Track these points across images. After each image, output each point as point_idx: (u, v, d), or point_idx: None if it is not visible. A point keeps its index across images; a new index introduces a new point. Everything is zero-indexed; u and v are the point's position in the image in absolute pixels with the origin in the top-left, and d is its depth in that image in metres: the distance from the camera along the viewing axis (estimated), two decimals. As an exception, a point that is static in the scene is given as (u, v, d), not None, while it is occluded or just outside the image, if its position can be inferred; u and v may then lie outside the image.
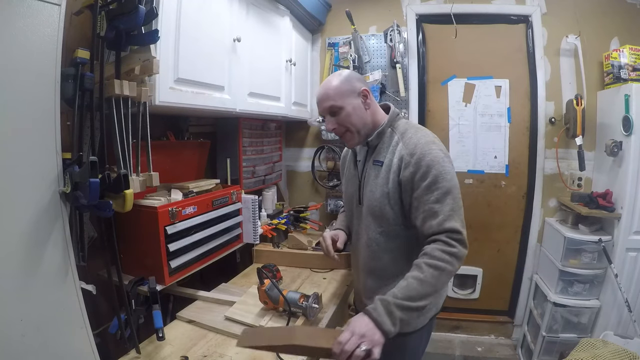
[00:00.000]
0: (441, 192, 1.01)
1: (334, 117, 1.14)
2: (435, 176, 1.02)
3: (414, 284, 0.94)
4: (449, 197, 1.01)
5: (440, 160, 1.04)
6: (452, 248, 0.98)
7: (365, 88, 1.15)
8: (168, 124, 1.59)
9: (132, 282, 1.16)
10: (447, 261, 0.96)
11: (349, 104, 1.12)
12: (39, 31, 0.78)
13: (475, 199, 2.48)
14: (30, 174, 0.79)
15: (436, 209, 1.01)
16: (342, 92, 1.12)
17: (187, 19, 1.23)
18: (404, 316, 0.92)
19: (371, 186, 1.15)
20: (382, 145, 1.16)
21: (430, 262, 0.96)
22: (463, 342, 2.54)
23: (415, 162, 1.04)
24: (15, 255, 0.75)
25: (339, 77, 1.15)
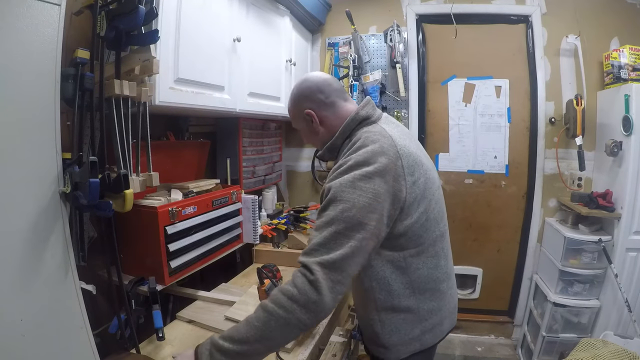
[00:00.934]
0: (324, 220, 0.86)
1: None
2: (329, 200, 0.88)
3: (241, 324, 0.83)
4: (331, 227, 0.84)
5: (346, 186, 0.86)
6: (292, 289, 0.80)
7: (309, 110, 1.04)
8: (168, 124, 1.59)
9: (132, 282, 1.16)
10: (281, 305, 0.80)
11: (299, 126, 1.12)
12: (39, 31, 0.78)
13: (475, 199, 2.48)
14: (30, 173, 0.79)
15: (312, 235, 0.87)
16: (293, 114, 1.11)
17: (187, 19, 1.23)
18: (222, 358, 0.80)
19: None
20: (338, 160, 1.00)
21: (264, 303, 0.83)
22: (463, 342, 2.54)
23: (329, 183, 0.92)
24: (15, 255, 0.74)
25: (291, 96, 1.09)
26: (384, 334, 1.03)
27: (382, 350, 1.06)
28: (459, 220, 2.51)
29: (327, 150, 1.05)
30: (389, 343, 1.04)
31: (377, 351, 1.09)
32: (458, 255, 2.52)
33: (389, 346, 1.04)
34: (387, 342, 1.04)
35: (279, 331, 0.80)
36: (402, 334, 1.03)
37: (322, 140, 1.08)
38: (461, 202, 2.49)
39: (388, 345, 1.04)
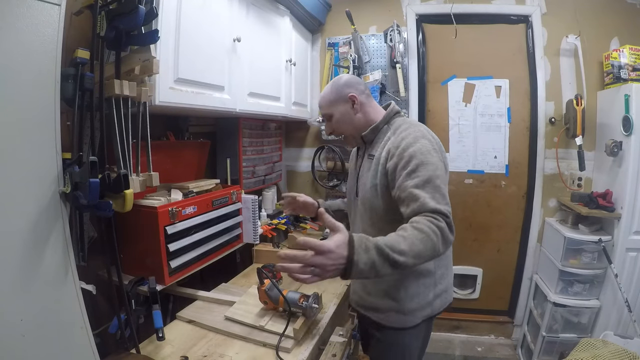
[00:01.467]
0: (420, 179, 0.99)
1: (329, 122, 1.27)
2: (416, 165, 1.02)
3: (395, 237, 0.87)
4: (429, 185, 0.98)
5: (423, 151, 1.04)
6: (439, 222, 0.91)
7: (353, 94, 1.21)
8: (168, 124, 1.59)
9: (132, 282, 1.16)
10: (433, 230, 0.88)
11: (337, 111, 1.23)
12: (39, 31, 0.78)
13: (475, 199, 2.48)
14: (30, 173, 0.79)
15: (416, 193, 0.97)
16: (331, 100, 1.24)
17: (187, 19, 1.23)
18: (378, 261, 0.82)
19: (364, 179, 1.21)
20: (377, 141, 1.22)
21: (414, 225, 0.90)
22: (463, 342, 2.54)
23: (399, 153, 1.07)
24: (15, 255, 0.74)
25: (332, 85, 1.26)
26: (406, 300, 1.16)
27: (402, 317, 1.18)
28: (459, 220, 2.50)
29: (371, 131, 1.22)
30: (409, 309, 1.17)
31: (395, 321, 1.19)
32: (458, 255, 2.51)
33: (409, 312, 1.17)
34: (408, 307, 1.17)
35: (424, 250, 0.87)
36: (420, 298, 1.18)
37: (356, 125, 1.24)
38: (461, 202, 2.49)
39: (408, 311, 1.17)
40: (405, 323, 1.19)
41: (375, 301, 1.22)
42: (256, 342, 1.15)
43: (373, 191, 1.15)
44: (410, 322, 1.19)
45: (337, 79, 1.27)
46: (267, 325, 1.21)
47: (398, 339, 1.22)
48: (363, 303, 1.27)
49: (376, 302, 1.22)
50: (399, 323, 1.19)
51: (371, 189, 1.16)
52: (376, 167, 1.15)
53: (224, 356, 1.09)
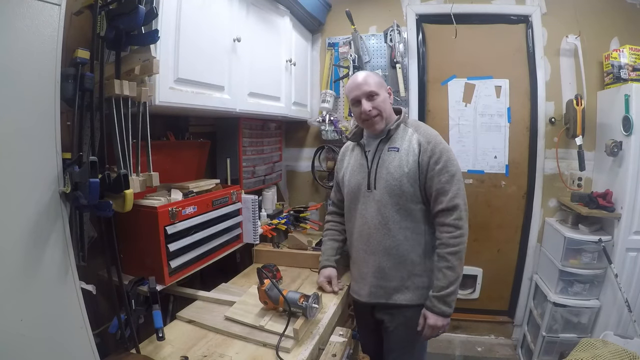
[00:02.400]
0: (450, 174, 1.30)
1: (370, 101, 1.35)
2: (446, 161, 1.30)
3: (448, 273, 1.27)
4: (455, 179, 1.30)
5: (449, 150, 1.35)
6: (458, 230, 1.29)
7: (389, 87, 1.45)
8: (168, 124, 1.59)
9: (132, 282, 1.16)
10: (460, 243, 1.28)
11: (383, 92, 1.38)
12: (39, 31, 0.78)
13: (475, 199, 2.48)
14: (30, 174, 0.78)
15: (447, 188, 1.29)
16: (380, 83, 1.39)
17: (187, 19, 1.23)
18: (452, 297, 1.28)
19: (388, 169, 1.35)
20: (397, 136, 1.39)
21: (450, 251, 1.28)
22: (463, 342, 2.54)
23: (432, 148, 1.32)
24: (15, 255, 0.74)
25: (374, 72, 1.44)
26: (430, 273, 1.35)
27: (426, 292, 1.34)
28: (459, 220, 2.51)
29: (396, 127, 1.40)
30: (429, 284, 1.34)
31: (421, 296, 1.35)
32: (458, 255, 2.54)
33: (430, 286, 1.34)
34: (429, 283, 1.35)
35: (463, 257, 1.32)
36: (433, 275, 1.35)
37: (389, 110, 1.41)
38: (461, 202, 2.49)
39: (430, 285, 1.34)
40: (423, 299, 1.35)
41: (399, 284, 1.36)
42: (256, 342, 1.15)
43: (403, 179, 1.32)
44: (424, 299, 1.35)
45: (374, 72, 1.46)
46: (267, 325, 1.21)
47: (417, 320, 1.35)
48: (382, 292, 1.38)
49: (400, 284, 1.36)
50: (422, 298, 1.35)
51: (401, 177, 1.32)
52: (406, 157, 1.34)
53: (224, 356, 1.09)
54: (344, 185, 1.51)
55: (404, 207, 1.34)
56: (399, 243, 1.35)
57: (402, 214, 1.34)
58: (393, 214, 1.34)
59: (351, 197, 1.46)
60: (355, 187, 1.43)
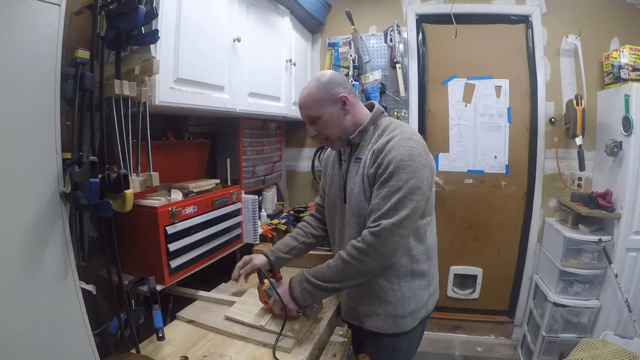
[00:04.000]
0: (390, 190, 1.02)
1: (313, 125, 1.17)
2: (391, 173, 1.03)
3: (323, 268, 1.11)
4: (397, 194, 1.01)
5: (404, 157, 1.03)
6: (359, 244, 1.04)
7: (344, 94, 1.14)
8: (168, 124, 1.59)
9: (132, 282, 1.16)
10: (354, 257, 1.04)
11: (326, 112, 1.13)
12: (39, 31, 0.78)
13: (475, 199, 2.48)
14: (30, 174, 0.79)
15: (379, 205, 1.03)
16: (319, 100, 1.13)
17: (187, 19, 1.23)
18: (310, 288, 1.11)
19: (352, 183, 1.16)
20: (364, 143, 1.17)
21: (341, 254, 1.07)
22: (463, 342, 2.54)
23: (382, 157, 1.06)
24: (15, 255, 0.74)
25: (317, 83, 1.14)
26: (404, 302, 1.16)
27: (400, 321, 1.16)
28: (459, 220, 2.51)
29: (359, 133, 1.17)
30: (407, 311, 1.16)
31: (393, 326, 1.17)
32: (458, 255, 2.55)
33: (407, 314, 1.17)
34: (406, 310, 1.16)
35: (350, 275, 1.07)
36: (417, 299, 1.18)
37: (345, 127, 1.16)
38: (461, 202, 2.49)
39: (406, 314, 1.16)
40: (403, 327, 1.17)
41: (368, 308, 1.19)
42: (256, 342, 1.15)
43: (360, 195, 1.13)
44: (409, 326, 1.18)
45: (320, 76, 1.16)
46: (267, 325, 1.21)
47: (395, 345, 1.20)
48: (355, 313, 1.23)
49: (369, 309, 1.18)
50: (397, 328, 1.17)
51: (358, 194, 1.13)
52: (362, 170, 1.12)
53: (224, 356, 1.09)
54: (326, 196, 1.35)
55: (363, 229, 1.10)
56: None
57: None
58: (354, 234, 1.13)
59: (329, 210, 1.32)
60: (332, 200, 1.28)
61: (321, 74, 1.17)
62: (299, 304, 1.15)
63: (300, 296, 1.13)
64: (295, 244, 1.39)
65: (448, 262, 2.54)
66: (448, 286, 2.58)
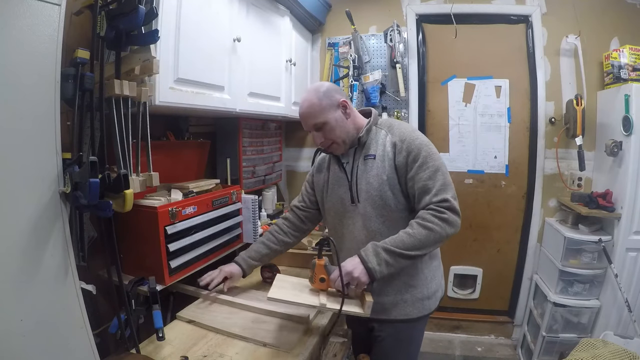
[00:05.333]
0: (432, 170, 1.13)
1: (319, 132, 1.22)
2: (425, 157, 1.14)
3: (403, 236, 1.10)
4: (439, 173, 1.13)
5: (427, 143, 1.18)
6: (442, 214, 1.10)
7: (344, 99, 1.23)
8: (168, 124, 1.59)
9: (132, 282, 1.16)
10: (436, 223, 1.09)
11: (331, 118, 1.20)
12: (39, 31, 0.78)
13: (475, 199, 2.48)
14: (30, 174, 0.79)
15: (429, 186, 1.13)
16: (323, 107, 1.20)
17: (187, 19, 1.23)
18: (388, 258, 1.08)
19: (367, 179, 1.21)
20: (370, 142, 1.24)
21: (421, 222, 1.10)
22: (463, 342, 2.54)
23: (407, 146, 1.16)
24: (15, 255, 0.74)
25: (317, 93, 1.21)
26: (427, 283, 1.24)
27: (427, 303, 1.24)
28: (459, 220, 2.51)
29: (367, 132, 1.24)
30: (431, 291, 1.25)
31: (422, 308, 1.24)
32: (458, 255, 2.55)
33: (431, 295, 1.25)
34: (430, 290, 1.25)
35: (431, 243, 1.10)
36: (437, 279, 1.28)
37: (348, 130, 1.23)
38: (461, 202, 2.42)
39: (430, 294, 1.25)
40: (429, 308, 1.26)
41: (396, 297, 1.23)
42: (256, 342, 1.15)
43: (384, 187, 1.18)
44: (433, 306, 1.27)
45: (317, 87, 1.23)
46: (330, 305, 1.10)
47: (411, 331, 1.28)
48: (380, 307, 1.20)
49: (396, 298, 1.23)
50: (424, 310, 1.25)
51: (380, 186, 1.18)
52: (382, 163, 1.19)
53: (224, 356, 1.09)
54: (324, 201, 1.36)
55: (389, 218, 1.19)
56: None
57: (388, 225, 1.19)
58: (379, 227, 1.20)
59: (334, 214, 1.31)
60: (338, 202, 1.28)
61: (319, 85, 1.25)
62: (374, 276, 1.08)
63: (377, 267, 1.08)
64: (267, 252, 1.45)
65: (448, 262, 2.54)
66: (448, 286, 2.58)
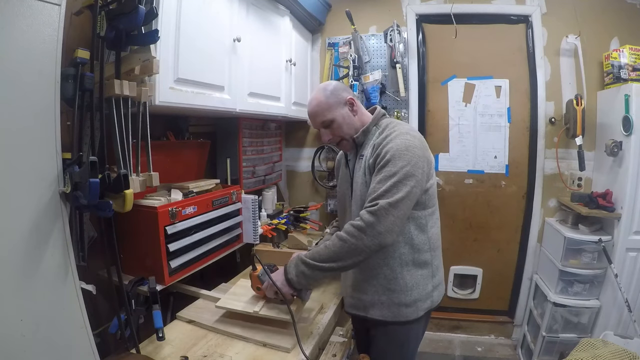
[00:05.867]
0: (386, 175, 1.09)
1: (327, 129, 1.27)
2: (387, 160, 1.10)
3: (320, 249, 1.11)
4: (393, 179, 1.07)
5: (400, 147, 1.11)
6: (359, 222, 1.06)
7: (351, 97, 1.27)
8: (168, 124, 1.59)
9: (132, 282, 1.16)
10: (352, 234, 1.05)
11: (338, 115, 1.24)
12: (39, 31, 0.78)
13: (475, 199, 2.48)
14: (30, 174, 0.79)
15: (377, 188, 1.08)
16: (330, 105, 1.24)
17: (187, 19, 1.23)
18: (305, 270, 1.11)
19: (357, 178, 1.26)
20: (367, 142, 1.27)
21: (339, 234, 1.09)
22: (463, 342, 2.54)
23: (380, 149, 1.15)
24: (15, 255, 0.74)
25: (324, 91, 1.26)
26: (407, 290, 1.20)
27: (404, 310, 1.21)
28: (459, 220, 2.51)
29: (363, 133, 1.27)
30: (410, 299, 1.21)
31: (398, 314, 1.22)
32: (458, 255, 2.55)
33: (410, 302, 1.21)
34: (409, 298, 1.21)
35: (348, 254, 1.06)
36: (420, 289, 1.22)
37: (355, 127, 1.27)
38: (461, 202, 2.49)
39: (409, 302, 1.21)
40: (407, 316, 1.22)
41: (373, 297, 1.24)
42: (256, 342, 1.15)
43: (363, 187, 1.21)
44: (414, 314, 1.23)
45: (324, 86, 1.29)
46: (262, 311, 1.20)
47: (401, 333, 1.25)
48: (360, 303, 1.28)
49: (374, 298, 1.24)
50: (400, 316, 1.22)
51: (361, 185, 1.22)
52: (365, 164, 1.22)
53: (224, 356, 1.09)
54: (337, 196, 1.48)
55: None
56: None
57: None
58: None
59: (340, 208, 1.45)
60: (342, 198, 1.41)
61: (326, 84, 1.30)
62: (293, 286, 1.14)
63: (295, 279, 1.13)
64: None
65: (448, 262, 2.53)
66: (448, 286, 2.58)
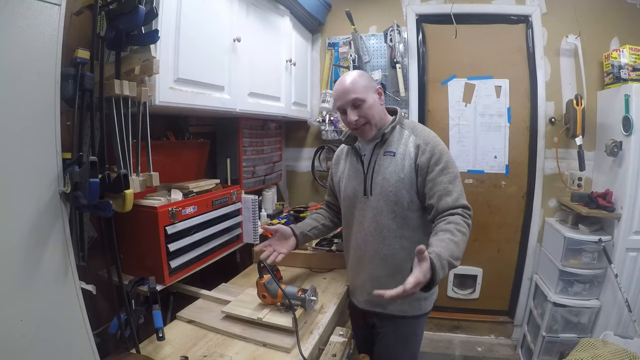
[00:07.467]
0: (452, 176, 1.20)
1: (356, 109, 1.25)
2: (447, 162, 1.21)
3: (452, 246, 1.05)
4: (457, 180, 1.21)
5: (447, 151, 1.25)
6: (468, 220, 1.17)
7: (380, 87, 1.31)
8: (168, 124, 1.59)
9: (132, 282, 1.16)
10: (467, 229, 1.14)
11: (370, 97, 1.25)
12: (39, 31, 0.78)
13: (475, 199, 2.48)
14: (30, 174, 0.79)
15: (450, 189, 1.18)
16: (366, 86, 1.25)
17: (187, 19, 1.23)
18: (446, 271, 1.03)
19: (384, 174, 1.26)
20: (392, 139, 1.29)
21: (459, 228, 1.11)
22: (463, 342, 2.54)
23: (430, 150, 1.22)
24: (15, 255, 0.74)
25: (359, 74, 1.28)
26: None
27: (422, 303, 1.31)
28: (459, 220, 2.51)
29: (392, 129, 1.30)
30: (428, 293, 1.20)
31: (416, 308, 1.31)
32: (458, 255, 2.54)
33: (427, 296, 1.30)
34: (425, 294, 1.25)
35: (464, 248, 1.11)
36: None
37: (381, 115, 1.30)
38: (461, 202, 2.49)
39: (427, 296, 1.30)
40: (425, 309, 1.32)
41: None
42: (256, 342, 1.15)
43: (399, 185, 1.24)
44: (428, 307, 1.34)
45: (360, 71, 1.31)
46: (265, 318, 1.20)
47: (411, 328, 1.33)
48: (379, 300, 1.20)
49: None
50: (419, 310, 1.31)
51: (397, 183, 1.24)
52: (402, 162, 1.24)
53: (224, 356, 1.09)
54: (340, 191, 1.43)
55: (400, 215, 1.25)
56: (394, 252, 1.28)
57: (398, 222, 1.26)
58: (388, 222, 1.26)
59: (347, 204, 1.39)
60: (351, 194, 1.36)
61: (358, 70, 1.34)
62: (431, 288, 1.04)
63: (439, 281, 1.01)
64: (316, 224, 1.54)
65: (448, 262, 2.54)
66: (448, 286, 2.58)
